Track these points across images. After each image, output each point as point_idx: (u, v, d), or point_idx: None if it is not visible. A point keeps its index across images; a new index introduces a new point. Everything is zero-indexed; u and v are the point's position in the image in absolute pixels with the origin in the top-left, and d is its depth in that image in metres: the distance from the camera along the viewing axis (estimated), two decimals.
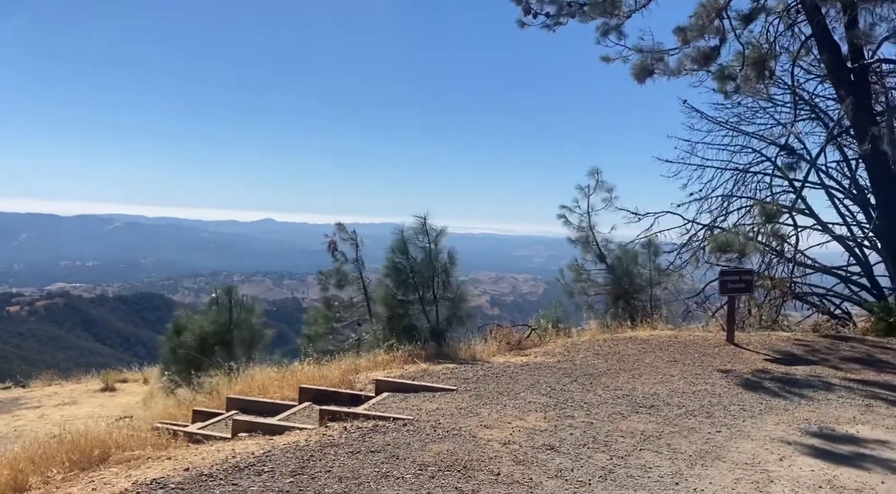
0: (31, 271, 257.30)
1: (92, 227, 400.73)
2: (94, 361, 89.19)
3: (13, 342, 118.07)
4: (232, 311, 12.03)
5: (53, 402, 13.09)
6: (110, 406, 12.56)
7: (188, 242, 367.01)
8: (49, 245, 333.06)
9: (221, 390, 7.77)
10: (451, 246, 9.50)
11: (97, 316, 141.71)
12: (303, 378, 7.67)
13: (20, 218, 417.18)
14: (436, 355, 8.55)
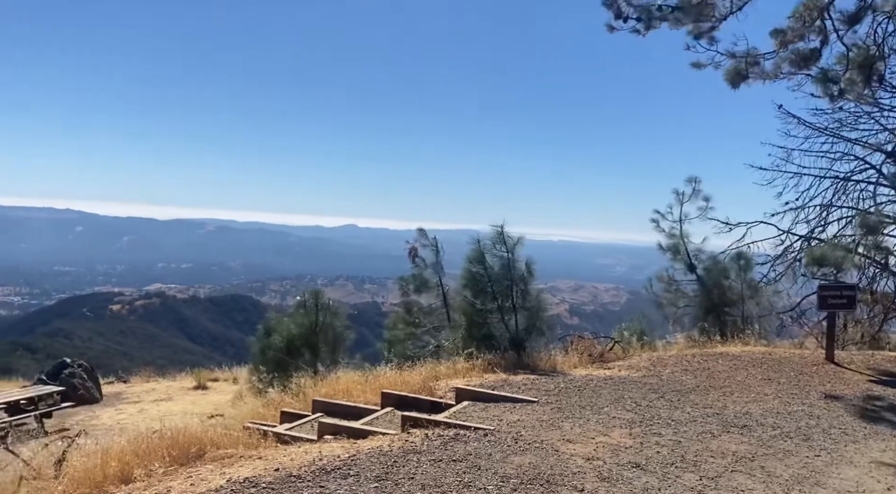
0: (131, 272, 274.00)
1: (186, 231, 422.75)
2: (186, 359, 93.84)
3: (115, 339, 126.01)
4: (318, 314, 12.37)
5: (151, 398, 13.85)
6: (202, 404, 13.16)
7: (275, 246, 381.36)
8: (148, 248, 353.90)
9: (308, 392, 8.00)
10: (529, 255, 9.45)
11: (190, 316, 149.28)
12: (385, 383, 7.81)
13: (122, 222, 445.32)
14: (515, 365, 8.50)
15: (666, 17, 7.45)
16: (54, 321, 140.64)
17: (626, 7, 7.64)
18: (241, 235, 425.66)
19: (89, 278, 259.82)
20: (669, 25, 7.60)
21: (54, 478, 4.47)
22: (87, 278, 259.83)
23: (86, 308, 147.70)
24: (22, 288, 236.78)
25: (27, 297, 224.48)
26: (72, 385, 12.97)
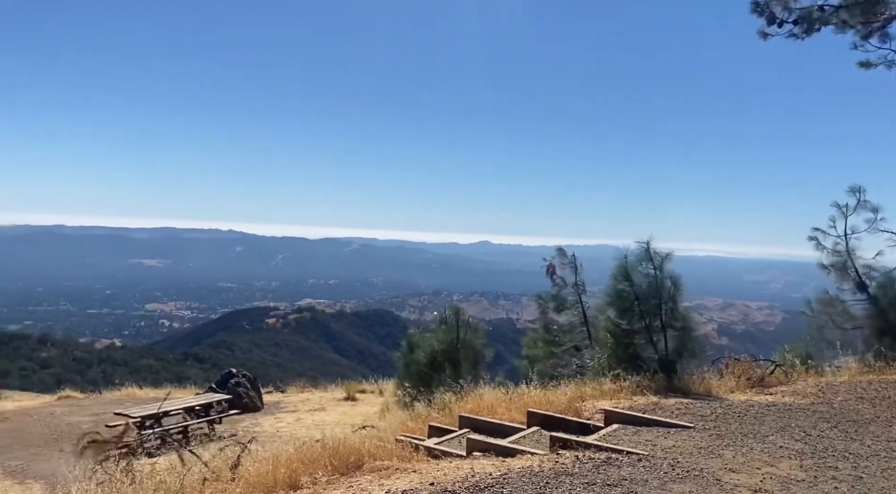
0: (285, 288, 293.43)
1: (334, 249, 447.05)
2: (333, 371, 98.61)
3: (270, 351, 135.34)
4: (459, 331, 12.58)
5: (306, 408, 14.72)
6: (352, 415, 13.79)
7: (413, 262, 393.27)
8: (299, 265, 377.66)
9: (453, 407, 8.15)
10: (676, 271, 9.03)
11: (337, 330, 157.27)
12: (529, 402, 7.77)
13: (277, 241, 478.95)
14: (666, 388, 8.15)
15: (829, 19, 6.90)
16: (218, 334, 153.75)
17: (781, 12, 7.17)
18: (383, 252, 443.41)
19: (248, 293, 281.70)
20: (834, 28, 7.03)
21: (231, 480, 4.88)
22: (246, 293, 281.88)
23: (245, 322, 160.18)
24: (191, 303, 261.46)
25: (196, 311, 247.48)
26: (237, 394, 14.09)
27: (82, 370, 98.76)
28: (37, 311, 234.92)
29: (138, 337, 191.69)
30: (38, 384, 74.18)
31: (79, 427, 12.10)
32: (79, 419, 12.95)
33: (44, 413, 13.60)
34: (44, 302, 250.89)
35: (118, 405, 14.11)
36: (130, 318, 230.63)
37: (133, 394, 17.05)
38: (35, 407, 14.77)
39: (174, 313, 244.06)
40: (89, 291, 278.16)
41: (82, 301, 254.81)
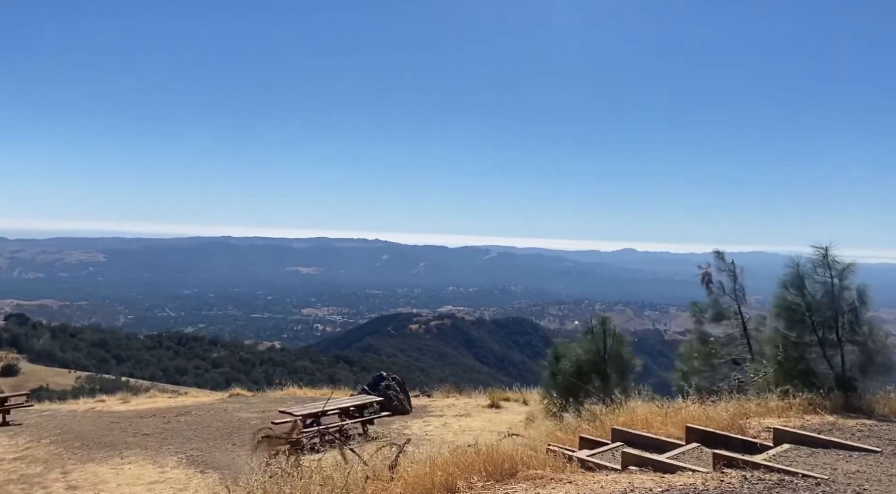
0: (426, 295, 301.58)
1: (473, 257, 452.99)
2: (474, 377, 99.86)
3: (413, 356, 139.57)
4: (605, 341, 12.25)
5: (452, 413, 14.98)
6: (497, 422, 13.83)
7: (552, 270, 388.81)
8: (440, 273, 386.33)
9: (604, 419, 7.94)
10: (861, 281, 8.19)
11: (476, 337, 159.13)
12: (687, 417, 7.40)
13: (419, 250, 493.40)
14: (843, 407, 7.42)
15: None
16: (366, 338, 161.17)
17: None
18: (521, 260, 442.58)
19: (393, 300, 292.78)
20: None
21: (390, 480, 5.06)
22: (391, 300, 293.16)
23: (390, 327, 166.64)
24: (342, 308, 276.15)
25: (346, 316, 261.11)
26: (388, 397, 14.63)
27: (247, 370, 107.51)
28: (208, 315, 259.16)
29: (295, 340, 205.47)
30: (210, 381, 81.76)
31: (248, 423, 13.15)
32: (248, 415, 14.06)
33: (218, 409, 14.91)
34: (214, 307, 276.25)
35: (281, 403, 15.17)
36: (288, 322, 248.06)
37: (293, 393, 18.24)
38: (210, 403, 16.24)
39: (327, 317, 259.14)
40: (252, 297, 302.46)
41: (247, 306, 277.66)
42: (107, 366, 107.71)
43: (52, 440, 11.85)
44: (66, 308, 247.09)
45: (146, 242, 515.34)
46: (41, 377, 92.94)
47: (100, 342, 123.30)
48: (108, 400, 17.23)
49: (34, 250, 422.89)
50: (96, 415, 14.28)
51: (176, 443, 11.55)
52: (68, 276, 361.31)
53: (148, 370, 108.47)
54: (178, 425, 13.05)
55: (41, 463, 10.46)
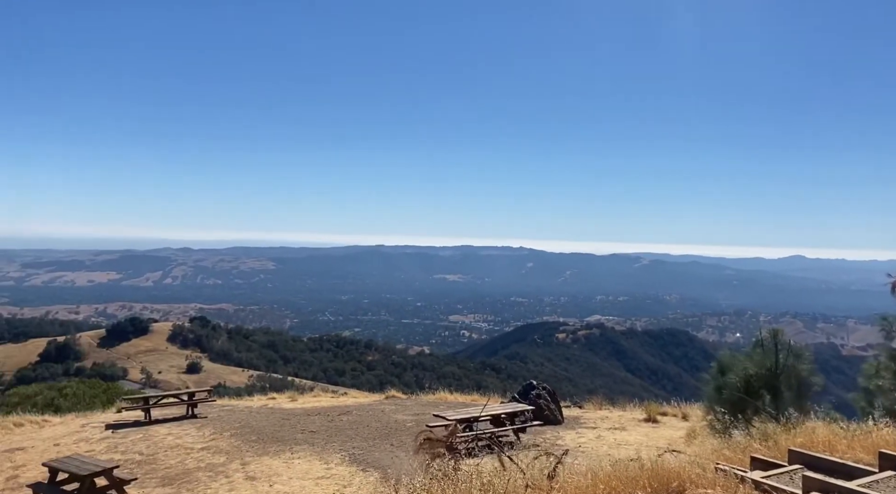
0: (573, 304, 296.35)
1: (622, 264, 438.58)
2: (625, 390, 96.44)
3: (561, 366, 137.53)
4: (778, 355, 11.30)
5: (606, 425, 14.53)
6: (654, 437, 13.22)
7: (710, 279, 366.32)
8: (587, 281, 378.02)
9: (778, 439, 7.32)
10: None
11: (627, 348, 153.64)
12: (879, 441, 6.65)
13: (566, 258, 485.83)
14: None
15: None
16: (512, 346, 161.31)
17: None
18: (676, 267, 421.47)
19: (538, 308, 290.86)
20: None
21: (549, 490, 4.99)
22: (536, 308, 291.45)
23: (536, 335, 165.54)
24: (487, 315, 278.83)
25: (491, 323, 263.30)
26: (538, 406, 14.49)
27: (399, 373, 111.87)
28: (364, 319, 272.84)
29: (443, 346, 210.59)
30: (365, 383, 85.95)
31: (404, 425, 13.62)
32: (403, 417, 14.57)
33: (376, 410, 15.59)
34: (368, 312, 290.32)
35: (434, 407, 15.56)
36: (437, 328, 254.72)
37: (444, 398, 18.63)
38: (369, 404, 17.02)
39: (473, 324, 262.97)
40: (403, 302, 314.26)
41: (398, 312, 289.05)
42: (275, 366, 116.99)
43: (233, 433, 13.01)
44: (240, 312, 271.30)
45: (309, 250, 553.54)
46: (219, 374, 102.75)
47: (269, 344, 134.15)
48: (278, 398, 18.62)
49: (214, 259, 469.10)
50: (269, 412, 15.48)
51: (339, 441, 12.21)
52: (242, 282, 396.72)
53: (311, 371, 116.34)
54: (340, 423, 13.80)
55: (224, 454, 11.52)
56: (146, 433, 13.31)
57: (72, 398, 21.00)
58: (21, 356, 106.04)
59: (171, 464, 11.07)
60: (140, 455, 11.70)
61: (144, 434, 13.16)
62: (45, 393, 21.61)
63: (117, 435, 13.21)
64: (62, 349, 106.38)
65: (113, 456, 11.45)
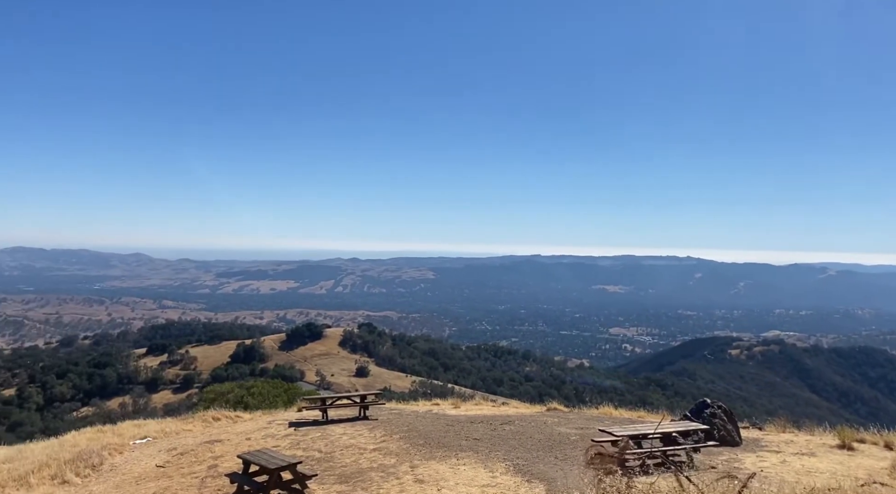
0: (747, 318, 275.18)
1: (804, 275, 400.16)
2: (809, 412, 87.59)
3: (734, 384, 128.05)
4: None
5: (791, 450, 13.26)
6: (850, 466, 11.86)
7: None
8: (764, 293, 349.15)
9: None
10: None
11: (811, 367, 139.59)
12: None
13: (739, 268, 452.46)
14: None
15: None
16: (679, 362, 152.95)
17: None
18: (869, 279, 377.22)
19: (708, 322, 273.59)
20: None
21: None
22: (706, 322, 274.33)
23: (706, 351, 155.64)
24: (651, 329, 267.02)
25: (655, 337, 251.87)
26: (713, 425, 13.57)
27: (558, 386, 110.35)
28: (521, 330, 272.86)
29: (603, 359, 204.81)
30: (523, 394, 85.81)
31: (567, 438, 13.38)
32: (566, 430, 14.31)
33: (538, 421, 15.47)
34: (525, 323, 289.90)
35: (598, 421, 15.14)
36: (596, 340, 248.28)
37: (609, 413, 18.05)
38: (530, 415, 16.94)
39: (635, 338, 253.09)
40: (561, 314, 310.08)
41: (556, 323, 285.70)
42: (436, 373, 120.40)
43: (401, 436, 13.54)
44: (403, 319, 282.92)
45: (467, 260, 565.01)
46: (385, 379, 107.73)
47: (430, 351, 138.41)
48: (442, 404, 19.11)
49: (379, 269, 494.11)
50: (434, 417, 15.93)
51: (503, 450, 12.26)
52: (405, 291, 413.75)
53: (470, 379, 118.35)
54: (503, 433, 13.86)
55: (394, 456, 12.02)
56: (324, 432, 14.25)
57: (258, 396, 22.98)
58: (216, 356, 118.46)
59: (346, 463, 11.76)
60: (319, 452, 12.54)
61: (322, 433, 14.10)
62: (235, 391, 23.85)
63: (299, 433, 14.28)
64: (249, 350, 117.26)
65: (296, 452, 12.39)
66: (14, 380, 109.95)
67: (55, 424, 75.79)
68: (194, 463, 12.38)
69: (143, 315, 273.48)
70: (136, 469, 12.34)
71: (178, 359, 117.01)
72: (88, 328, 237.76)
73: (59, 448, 14.58)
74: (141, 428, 16.46)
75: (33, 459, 13.26)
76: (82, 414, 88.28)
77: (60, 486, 11.52)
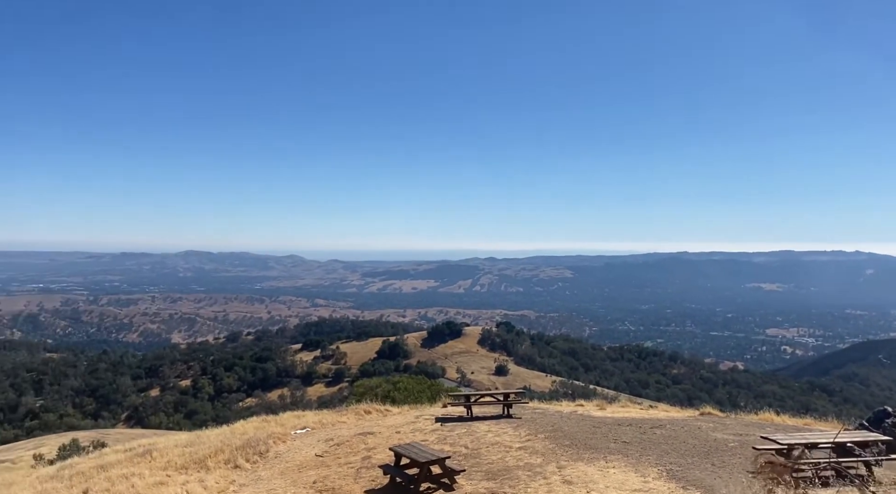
0: None
1: None
2: None
3: None
4: None
5: None
6: None
7: None
8: None
9: None
10: None
11: None
12: None
13: None
14: None
15: None
16: (848, 365, 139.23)
17: None
18: None
19: (883, 322, 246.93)
20: None
21: None
22: (879, 322, 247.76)
23: (881, 355, 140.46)
24: (815, 330, 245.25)
25: (819, 338, 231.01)
26: (895, 436, 12.19)
27: (709, 389, 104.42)
28: (666, 330, 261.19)
29: (759, 362, 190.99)
30: (670, 397, 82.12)
31: (725, 445, 12.58)
32: (723, 436, 13.46)
33: (691, 426, 14.67)
34: (672, 323, 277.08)
35: (758, 428, 14.09)
36: (751, 342, 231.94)
37: (770, 419, 16.76)
38: (682, 419, 16.11)
39: (796, 339, 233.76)
40: (710, 313, 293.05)
41: (705, 323, 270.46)
42: (576, 373, 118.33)
43: (547, 435, 13.41)
44: (541, 318, 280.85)
45: (606, 259, 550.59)
46: (524, 378, 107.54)
47: (570, 351, 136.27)
48: (586, 405, 18.71)
49: (516, 268, 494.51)
50: (579, 418, 15.62)
51: (654, 455, 11.76)
52: (542, 290, 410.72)
53: (612, 380, 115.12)
54: (653, 436, 13.30)
55: (539, 455, 11.92)
56: (469, 428, 14.45)
57: (404, 391, 23.77)
58: (363, 352, 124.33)
59: (492, 460, 11.83)
60: (465, 448, 12.73)
61: (468, 430, 14.31)
62: (383, 386, 24.84)
63: (445, 428, 14.59)
64: (393, 347, 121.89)
65: (443, 447, 12.66)
66: (189, 372, 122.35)
67: (224, 413, 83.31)
68: (349, 454, 13.03)
69: (297, 313, 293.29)
70: (297, 457, 13.20)
71: (330, 354, 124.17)
72: (251, 324, 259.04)
73: (230, 435, 15.95)
74: (300, 419, 17.61)
75: (209, 444, 14.60)
76: (247, 404, 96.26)
77: (233, 470, 12.58)
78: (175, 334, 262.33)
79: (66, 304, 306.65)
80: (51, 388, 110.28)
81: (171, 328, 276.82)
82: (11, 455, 47.37)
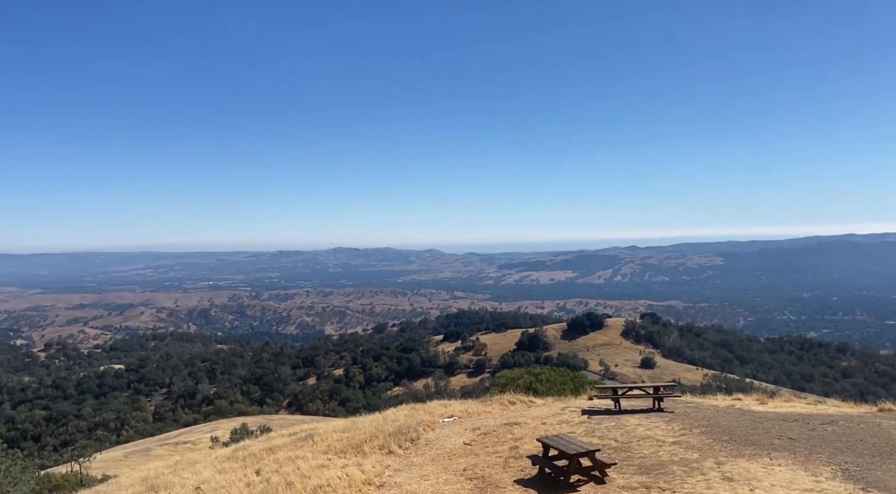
0: None
1: None
2: None
3: None
4: None
5: None
6: None
7: None
8: None
9: None
10: None
11: None
12: None
13: None
14: None
15: None
16: None
17: None
18: None
19: None
20: None
21: None
22: None
23: None
24: None
25: None
26: None
27: (885, 383, 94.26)
28: (832, 320, 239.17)
29: None
30: (839, 391, 75.17)
31: None
32: None
33: (869, 423, 13.32)
34: (839, 311, 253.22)
35: None
36: None
37: None
38: (857, 415, 14.66)
39: None
40: (885, 301, 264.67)
41: (879, 312, 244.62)
42: (730, 366, 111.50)
43: (702, 430, 12.76)
44: (689, 309, 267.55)
45: (761, 244, 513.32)
46: (673, 371, 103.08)
47: (722, 343, 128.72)
48: (744, 399, 17.56)
49: (660, 257, 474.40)
50: (737, 413, 14.71)
51: (826, 453, 10.82)
52: (690, 279, 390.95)
53: (771, 374, 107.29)
54: (824, 433, 12.24)
55: (695, 450, 11.37)
56: (618, 421, 14.09)
57: (546, 383, 23.61)
58: (502, 343, 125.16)
59: (644, 454, 11.46)
60: (615, 441, 12.43)
61: (617, 423, 13.95)
62: (524, 377, 24.82)
63: (592, 421, 14.33)
64: (532, 338, 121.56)
65: (592, 440, 12.44)
66: (341, 362, 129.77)
67: (374, 400, 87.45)
68: (497, 443, 13.17)
69: (438, 305, 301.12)
70: (446, 445, 13.55)
71: (470, 345, 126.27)
72: (395, 316, 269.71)
73: (382, 422, 16.68)
74: (447, 408, 18.06)
75: (364, 430, 15.37)
76: (394, 393, 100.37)
77: (387, 456, 13.16)
78: (328, 326, 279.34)
79: (232, 299, 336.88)
80: (222, 377, 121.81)
81: (324, 320, 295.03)
82: (192, 436, 52.82)
